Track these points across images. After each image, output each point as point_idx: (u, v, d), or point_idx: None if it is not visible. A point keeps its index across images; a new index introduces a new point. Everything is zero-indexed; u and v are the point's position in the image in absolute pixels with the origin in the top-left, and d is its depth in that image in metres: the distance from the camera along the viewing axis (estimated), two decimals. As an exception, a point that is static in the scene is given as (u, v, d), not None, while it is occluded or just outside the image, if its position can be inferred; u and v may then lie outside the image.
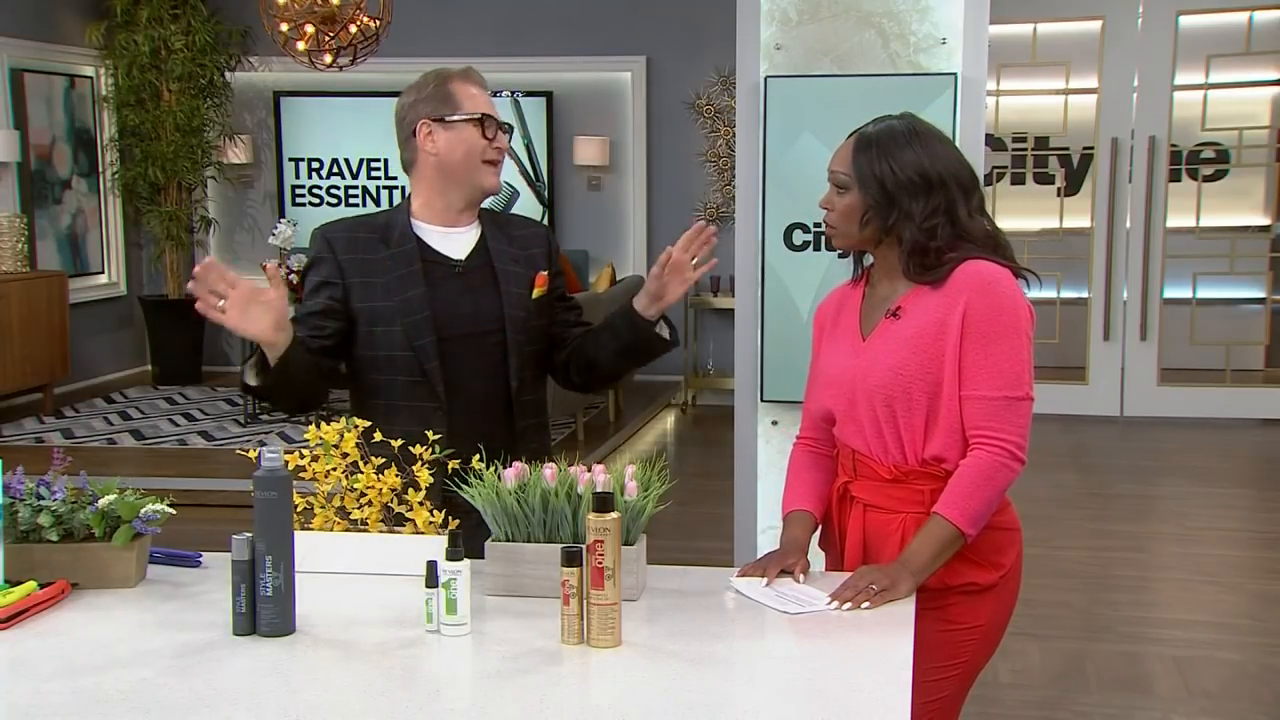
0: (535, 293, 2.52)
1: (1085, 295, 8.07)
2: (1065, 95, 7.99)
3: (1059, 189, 8.16)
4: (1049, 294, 8.11)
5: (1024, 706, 3.80)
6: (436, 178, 2.48)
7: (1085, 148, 8.02)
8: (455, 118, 2.45)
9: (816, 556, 2.27)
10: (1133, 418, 7.94)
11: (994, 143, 7.90)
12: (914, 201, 2.13)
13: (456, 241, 2.49)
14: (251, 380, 2.29)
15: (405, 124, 2.49)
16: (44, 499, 2.10)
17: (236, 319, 2.14)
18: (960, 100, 3.73)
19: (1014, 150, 8.16)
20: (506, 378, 2.46)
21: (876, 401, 2.16)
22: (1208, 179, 8.03)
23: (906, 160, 2.14)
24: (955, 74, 3.72)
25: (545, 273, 2.54)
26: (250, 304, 2.15)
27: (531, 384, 2.52)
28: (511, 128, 2.58)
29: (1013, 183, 8.22)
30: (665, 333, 2.49)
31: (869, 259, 2.28)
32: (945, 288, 2.13)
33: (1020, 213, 8.17)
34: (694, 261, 2.40)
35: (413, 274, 2.43)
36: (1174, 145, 7.91)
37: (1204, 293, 8.03)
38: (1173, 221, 7.93)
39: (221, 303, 2.12)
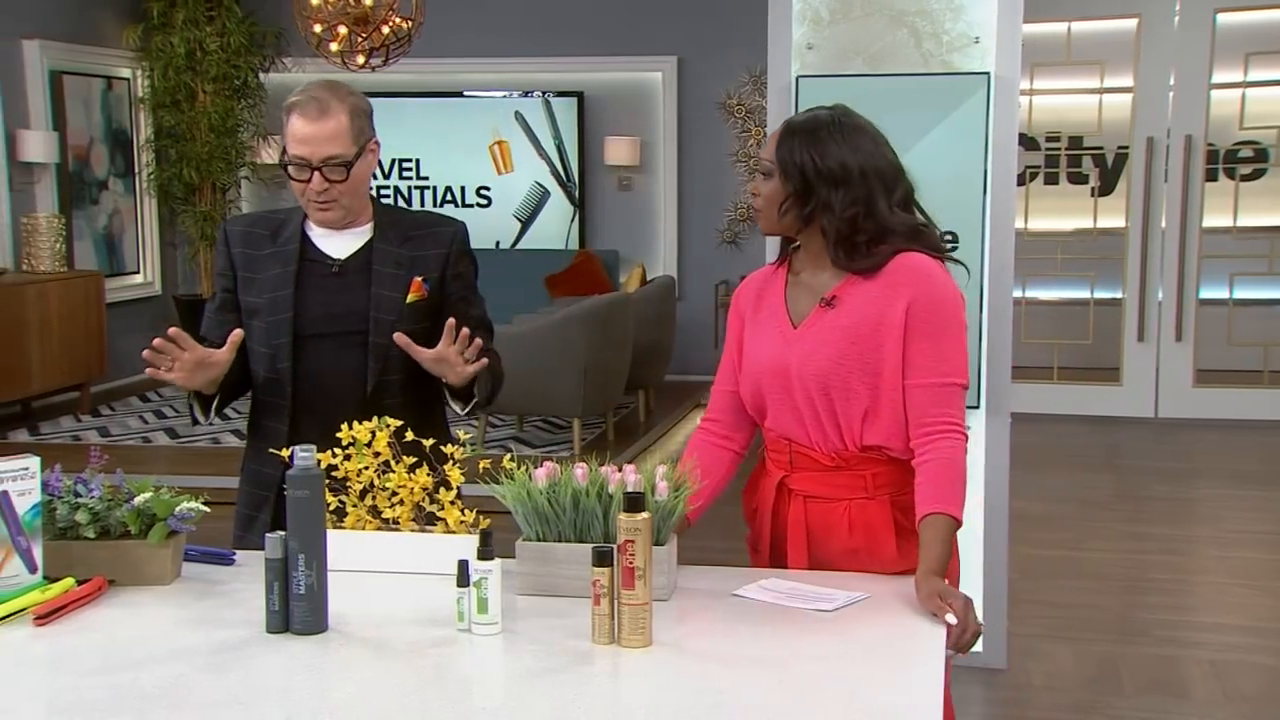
0: (410, 297, 2.47)
1: (1119, 296, 8.00)
2: (1100, 94, 7.92)
3: (1093, 189, 8.09)
4: (1082, 294, 8.04)
5: (1056, 710, 3.77)
6: None
7: (1120, 147, 7.95)
8: (283, 153, 2.44)
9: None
10: (1167, 419, 7.86)
11: (1027, 142, 7.84)
12: (832, 192, 2.15)
13: (342, 242, 2.50)
14: (203, 419, 2.49)
15: None
16: (81, 496, 2.13)
17: (184, 379, 2.33)
18: (993, 100, 3.71)
19: (1047, 150, 8.09)
20: (363, 379, 2.45)
21: (814, 390, 2.17)
22: (1245, 178, 7.94)
23: (828, 151, 2.16)
24: (988, 73, 3.70)
25: (421, 278, 2.47)
26: (196, 366, 2.32)
27: (401, 387, 2.46)
28: (345, 165, 2.37)
29: (1046, 182, 8.15)
30: (461, 407, 2.46)
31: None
32: (882, 279, 2.16)
33: (1053, 213, 8.11)
34: (465, 356, 2.33)
35: (287, 274, 2.47)
36: (1211, 144, 7.82)
37: (1241, 293, 7.94)
38: (1209, 221, 7.85)
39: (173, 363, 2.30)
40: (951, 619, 1.92)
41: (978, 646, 2.55)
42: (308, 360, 2.46)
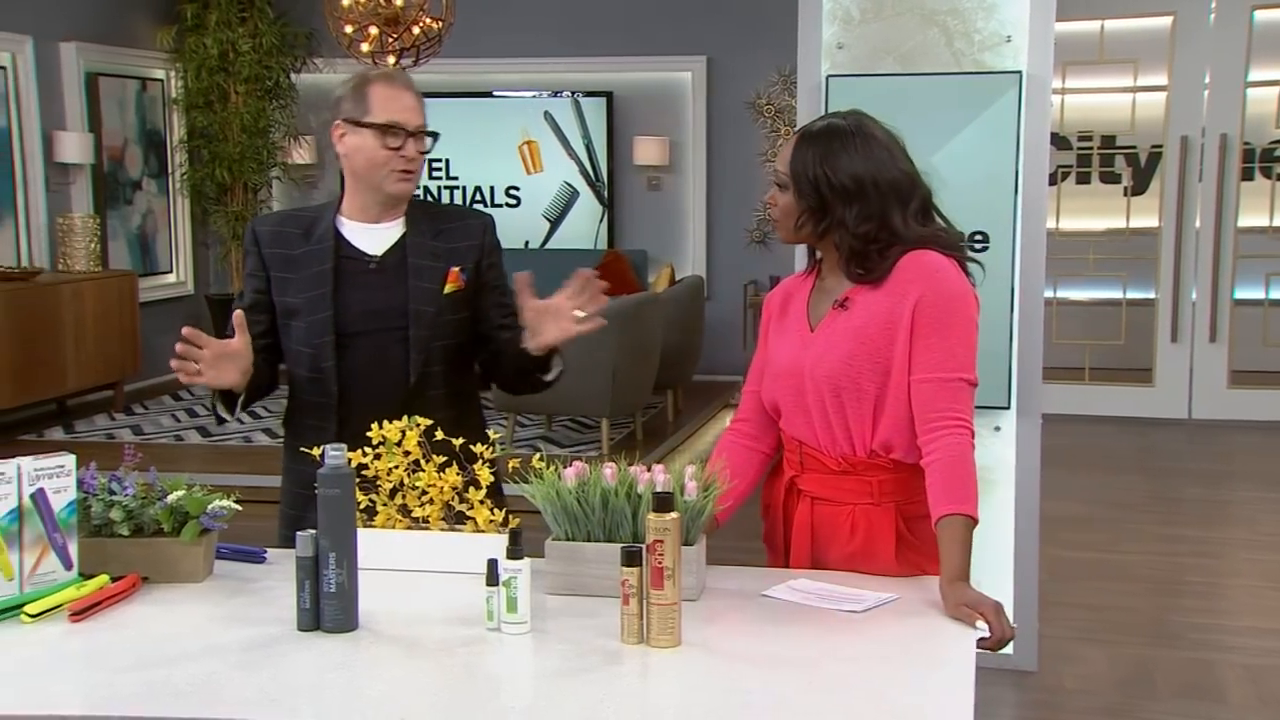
0: (448, 288, 2.49)
1: (1152, 296, 7.93)
2: (1133, 93, 7.86)
3: (1125, 188, 8.03)
4: (1114, 294, 7.98)
5: (1089, 714, 3.75)
6: (349, 177, 2.50)
7: (1153, 146, 7.88)
8: (363, 121, 2.44)
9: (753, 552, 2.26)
10: (1201, 421, 7.79)
11: (1059, 141, 7.79)
12: (846, 208, 2.15)
13: (376, 238, 2.50)
14: (226, 416, 2.44)
15: (331, 119, 2.50)
16: (116, 494, 2.15)
17: (212, 378, 2.28)
18: (1025, 99, 3.68)
19: (1079, 149, 8.04)
20: (405, 373, 2.46)
21: (825, 392, 2.17)
22: (1281, 177, 7.86)
23: (841, 165, 2.15)
24: (1020, 72, 3.68)
25: (458, 269, 2.50)
26: (219, 360, 2.28)
27: (443, 378, 2.49)
28: (433, 135, 2.47)
29: (1078, 182, 8.10)
30: (551, 374, 2.44)
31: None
32: (891, 280, 2.16)
33: (1085, 213, 8.05)
34: (580, 314, 2.31)
35: (324, 272, 2.47)
36: (1246, 143, 7.75)
37: (1278, 293, 7.86)
38: (1244, 221, 7.77)
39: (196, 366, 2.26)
40: (983, 626, 1.91)
41: (1008, 649, 2.53)
42: (350, 357, 2.46)
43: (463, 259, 2.52)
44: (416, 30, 7.02)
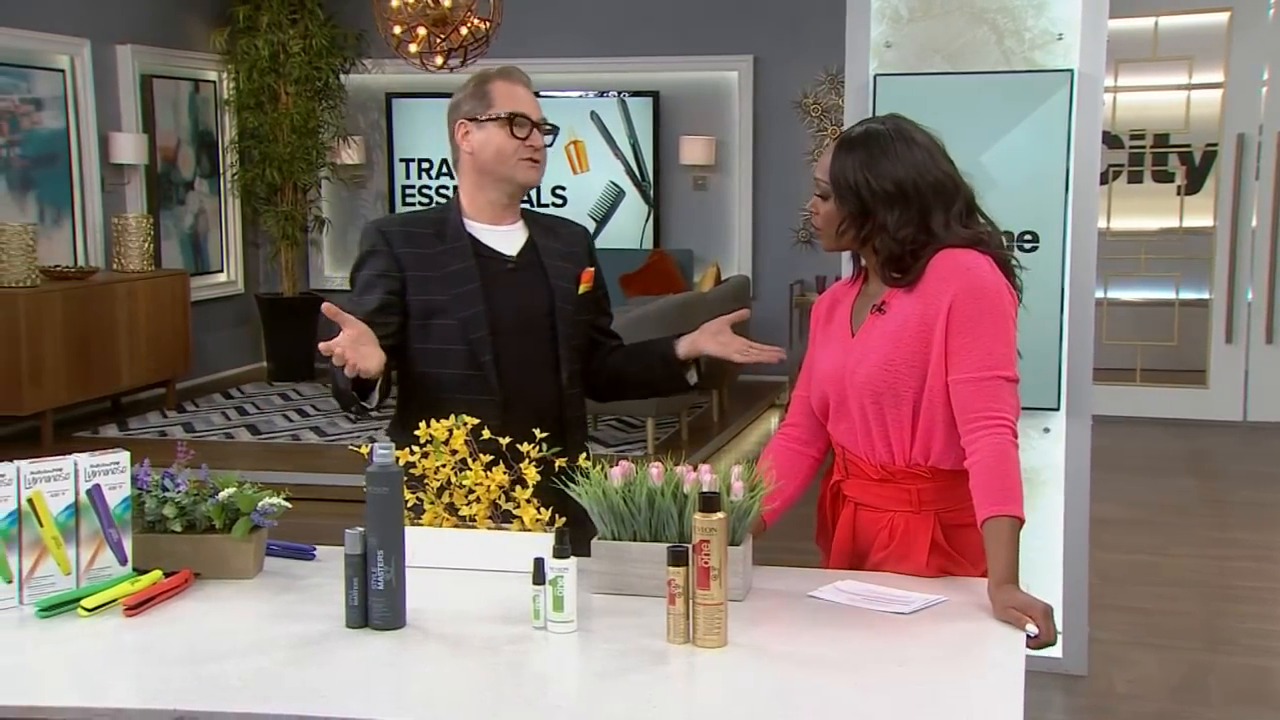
0: (581, 288, 2.57)
1: (1206, 296, 7.82)
2: (1188, 90, 7.75)
3: (1179, 187, 7.91)
4: (1167, 295, 7.88)
5: (1140, 718, 3.70)
6: (475, 175, 2.53)
7: (1208, 144, 7.77)
8: (486, 117, 2.49)
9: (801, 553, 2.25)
10: (1257, 423, 7.66)
11: (1110, 140, 7.69)
12: (888, 212, 2.14)
13: (507, 239, 2.54)
14: (369, 406, 2.34)
15: (449, 123, 2.55)
16: (168, 491, 2.18)
17: (356, 359, 2.16)
18: (1076, 97, 3.64)
19: (1131, 148, 7.93)
20: (556, 371, 2.51)
21: (865, 398, 2.17)
22: (1339, 175, 7.71)
23: (882, 170, 2.14)
24: (1071, 70, 3.64)
25: (591, 270, 2.60)
26: (358, 343, 2.18)
27: (578, 377, 2.57)
28: (554, 128, 2.55)
29: (1130, 181, 8.00)
30: (691, 377, 2.57)
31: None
32: (924, 282, 2.15)
33: (1137, 212, 7.95)
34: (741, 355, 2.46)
35: (468, 269, 2.48)
36: (1304, 140, 7.62)
37: (1335, 294, 7.72)
38: (1302, 220, 7.64)
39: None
40: (1032, 630, 1.89)
41: (1056, 651, 2.51)
42: (505, 353, 2.47)
43: (580, 261, 2.59)
44: (464, 31, 7.06)
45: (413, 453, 2.17)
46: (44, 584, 2.03)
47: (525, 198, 2.61)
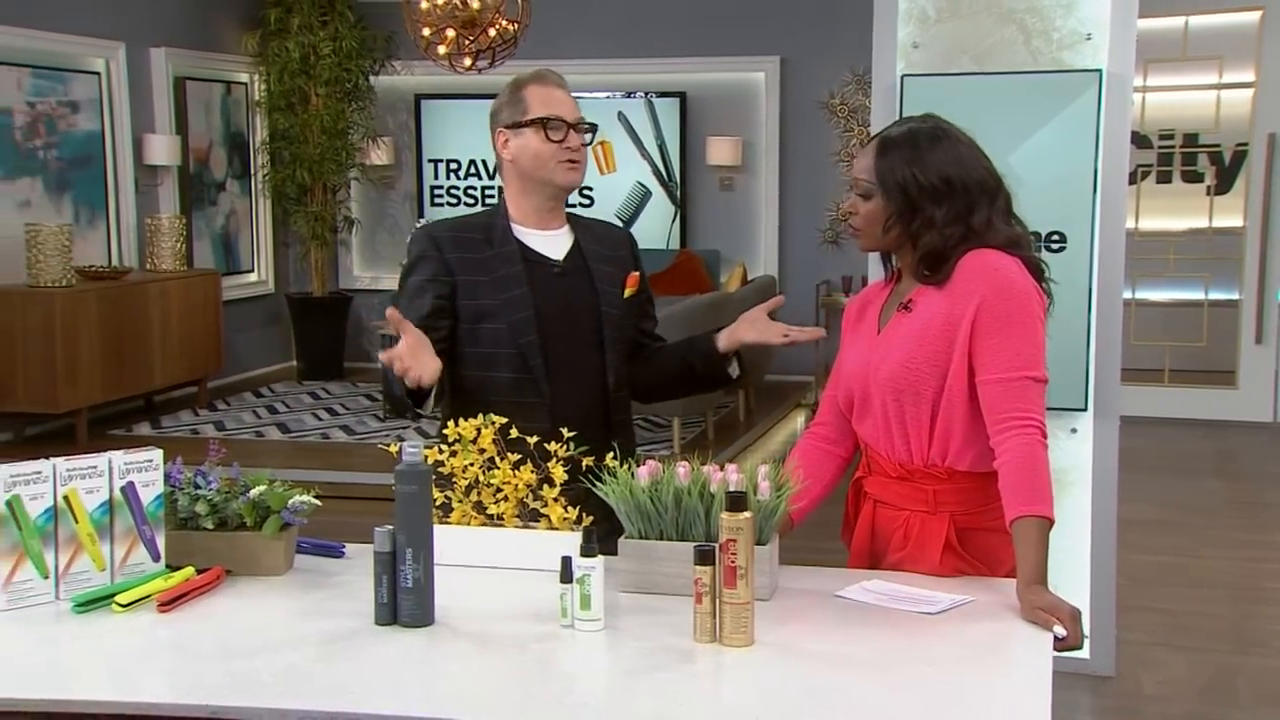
0: (627, 292, 2.59)
1: (1235, 297, 7.76)
2: (1218, 90, 7.70)
3: (1208, 187, 7.86)
4: (1195, 295, 7.82)
5: (1168, 721, 3.69)
6: (518, 181, 2.55)
7: (1238, 144, 7.71)
8: (522, 122, 2.51)
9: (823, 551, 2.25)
10: (1287, 424, 7.61)
11: (1139, 140, 7.64)
12: (936, 207, 2.14)
13: (554, 243, 2.56)
14: (425, 410, 2.38)
15: (490, 131, 2.58)
16: (200, 488, 2.21)
17: (417, 367, 2.18)
18: (1105, 97, 3.63)
19: (1160, 148, 7.88)
20: (603, 374, 2.52)
21: (887, 395, 2.18)
22: (1372, 175, 7.64)
23: (930, 164, 2.14)
24: (1100, 70, 3.62)
25: (636, 274, 2.62)
26: (417, 351, 2.20)
27: (625, 381, 2.59)
28: (592, 126, 2.55)
29: (1159, 181, 7.95)
30: (733, 370, 2.59)
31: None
32: (953, 281, 2.15)
33: (1166, 212, 7.89)
34: (787, 337, 2.48)
35: (517, 273, 2.50)
36: (1336, 140, 7.55)
37: (1367, 294, 7.65)
38: (1333, 220, 7.57)
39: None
40: (1060, 631, 1.89)
41: (1084, 652, 2.50)
42: (553, 356, 2.49)
43: (625, 266, 2.61)
44: (493, 32, 7.08)
45: (441, 451, 2.19)
46: (79, 580, 2.07)
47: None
